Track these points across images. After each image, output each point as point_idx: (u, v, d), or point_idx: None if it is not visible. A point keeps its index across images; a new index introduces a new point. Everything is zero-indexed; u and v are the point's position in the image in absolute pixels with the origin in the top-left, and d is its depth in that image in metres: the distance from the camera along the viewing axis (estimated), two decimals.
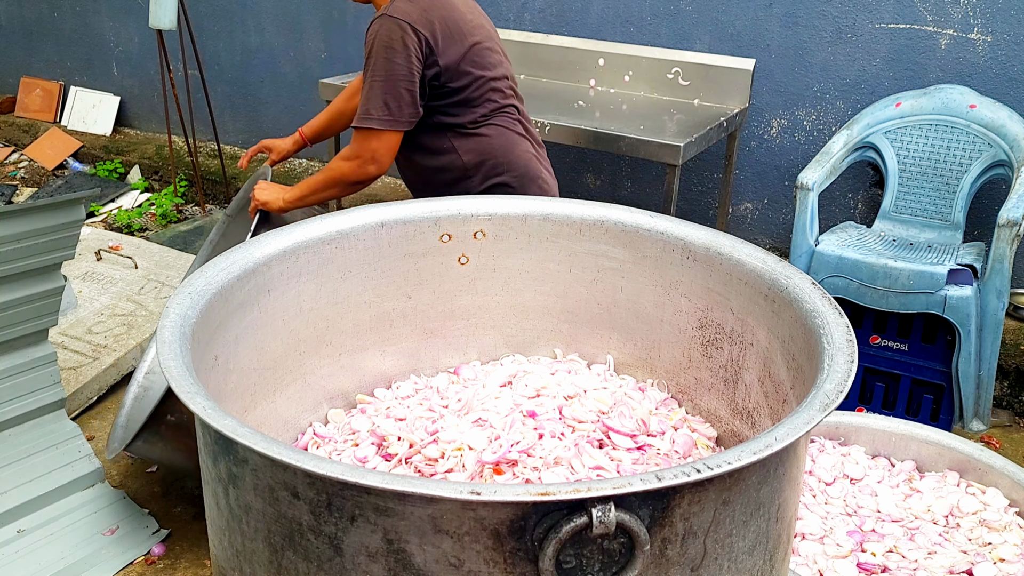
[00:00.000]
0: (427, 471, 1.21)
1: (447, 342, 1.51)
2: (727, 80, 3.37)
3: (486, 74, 2.23)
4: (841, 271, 2.70)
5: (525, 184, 2.30)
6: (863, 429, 1.95)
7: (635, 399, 1.39)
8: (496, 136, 2.27)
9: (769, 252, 1.27)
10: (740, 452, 0.83)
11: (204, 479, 1.02)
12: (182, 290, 1.11)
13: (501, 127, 2.28)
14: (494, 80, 2.25)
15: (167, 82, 3.97)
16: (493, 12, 3.94)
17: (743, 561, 0.94)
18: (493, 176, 2.27)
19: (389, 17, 2.09)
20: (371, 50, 2.11)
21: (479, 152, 2.26)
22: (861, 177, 3.34)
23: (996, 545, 1.67)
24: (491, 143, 2.27)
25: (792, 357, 1.16)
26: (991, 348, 2.63)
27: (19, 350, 2.19)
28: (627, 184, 3.88)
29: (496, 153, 2.27)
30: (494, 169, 2.27)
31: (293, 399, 1.35)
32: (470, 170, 2.27)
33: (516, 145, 2.30)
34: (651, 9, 3.59)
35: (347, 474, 0.79)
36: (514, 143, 2.30)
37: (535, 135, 2.40)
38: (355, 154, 2.17)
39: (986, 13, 3.01)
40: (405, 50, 2.08)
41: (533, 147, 2.36)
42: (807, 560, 1.64)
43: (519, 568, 0.83)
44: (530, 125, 2.40)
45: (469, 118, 2.24)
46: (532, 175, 2.31)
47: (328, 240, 1.34)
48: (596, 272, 1.45)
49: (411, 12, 2.10)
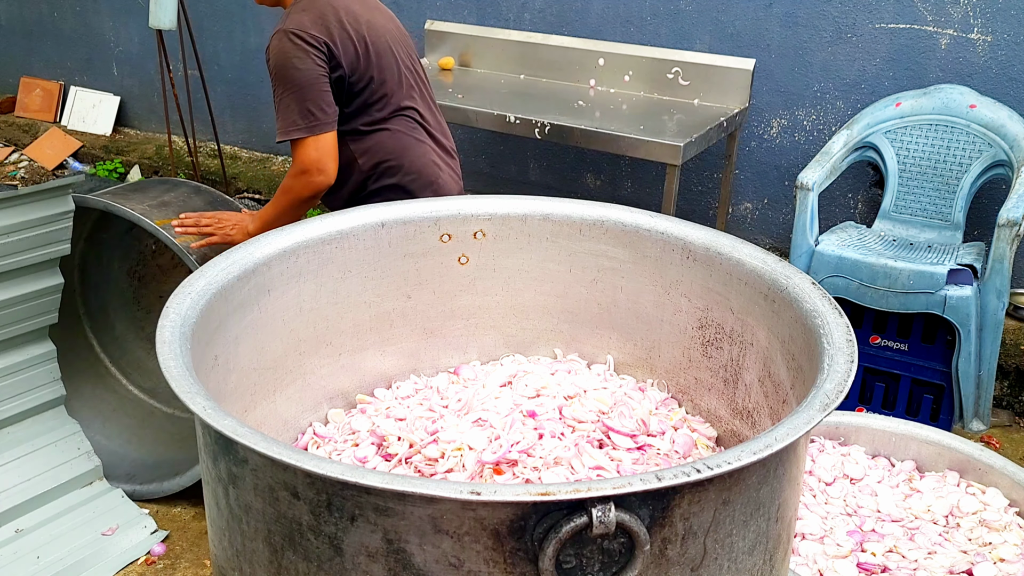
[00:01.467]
0: (427, 471, 1.21)
1: (447, 342, 1.50)
2: (727, 80, 3.36)
3: (385, 76, 2.24)
4: (841, 271, 2.69)
5: (419, 188, 2.30)
6: (863, 429, 1.95)
7: (635, 399, 1.39)
8: (390, 139, 2.27)
9: (769, 252, 1.27)
10: (740, 452, 0.83)
11: (204, 479, 1.02)
12: (182, 290, 1.11)
13: (398, 130, 2.28)
14: (393, 83, 2.26)
15: (167, 82, 3.97)
16: (493, 12, 3.94)
17: (743, 561, 0.94)
18: (387, 177, 2.28)
19: (284, 32, 2.10)
20: (275, 67, 2.12)
21: (373, 154, 2.25)
22: (861, 177, 3.34)
23: (996, 545, 1.67)
24: (385, 145, 2.26)
25: (792, 357, 1.16)
26: (991, 348, 2.63)
27: (20, 348, 2.19)
28: (627, 184, 3.88)
29: (390, 155, 2.27)
30: (388, 171, 2.27)
31: (293, 399, 1.35)
32: (366, 171, 2.27)
33: (412, 148, 2.30)
34: (651, 9, 3.59)
35: (347, 474, 0.79)
36: (410, 146, 2.30)
37: (442, 140, 2.40)
38: (299, 170, 2.14)
39: (986, 13, 3.01)
40: (307, 57, 2.09)
41: (435, 151, 2.36)
42: (807, 560, 1.64)
43: (519, 568, 0.83)
44: (436, 129, 2.38)
45: (366, 120, 2.24)
46: (428, 179, 2.31)
47: (328, 240, 1.34)
48: (596, 272, 1.45)
49: (305, 21, 2.11)
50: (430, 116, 2.38)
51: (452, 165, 2.43)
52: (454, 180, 2.42)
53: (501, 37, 3.83)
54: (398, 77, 2.27)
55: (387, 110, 2.26)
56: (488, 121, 3.10)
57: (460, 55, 3.93)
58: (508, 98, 3.41)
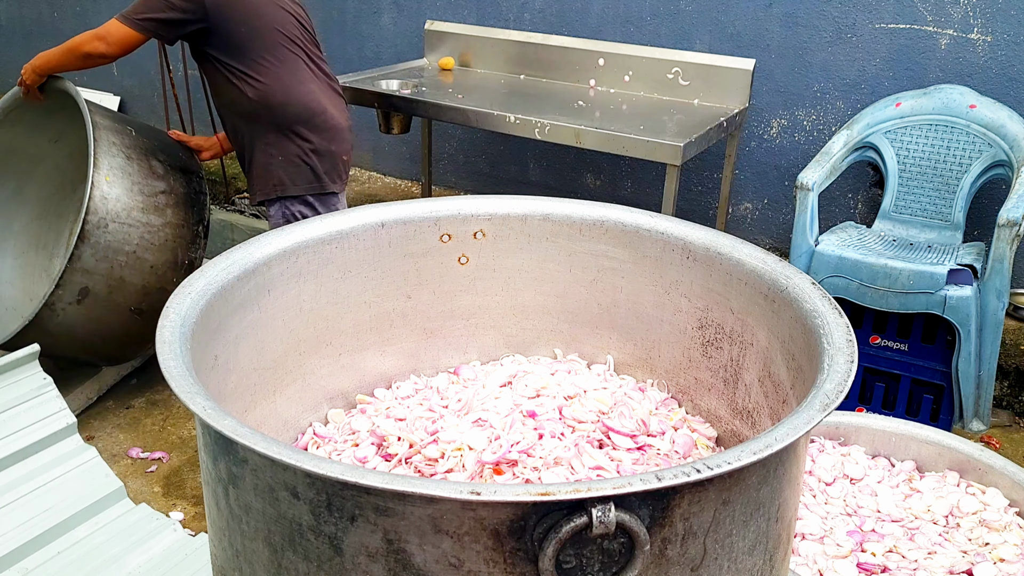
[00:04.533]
0: (427, 471, 1.21)
1: (447, 342, 1.50)
2: (727, 80, 3.37)
3: (264, 23, 2.66)
4: (841, 271, 2.69)
5: (311, 120, 2.73)
6: (863, 429, 1.95)
7: (635, 399, 1.39)
8: (278, 79, 2.69)
9: (769, 252, 1.27)
10: (740, 452, 0.83)
11: (204, 479, 1.02)
12: (182, 290, 1.11)
13: (285, 71, 2.70)
14: (277, 29, 2.68)
15: (167, 82, 3.97)
16: (493, 12, 3.94)
17: (743, 561, 0.94)
18: (280, 114, 2.70)
19: None
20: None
21: (264, 92, 2.67)
22: (861, 177, 3.35)
23: (996, 545, 1.67)
24: (274, 85, 2.68)
25: (792, 357, 1.16)
26: (991, 348, 2.63)
27: (17, 381, 2.16)
28: (627, 184, 3.88)
29: (279, 93, 2.69)
30: (281, 107, 2.69)
31: (293, 399, 1.35)
32: (258, 109, 2.69)
33: (300, 85, 2.72)
34: (651, 9, 3.59)
35: (347, 474, 0.79)
36: (294, 85, 2.71)
37: (325, 80, 2.83)
38: (97, 32, 2.62)
39: (986, 13, 3.01)
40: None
41: (320, 89, 2.78)
42: (807, 560, 1.64)
43: (519, 568, 0.83)
44: (318, 69, 2.81)
45: (250, 60, 2.66)
46: (316, 110, 2.75)
47: (328, 240, 1.34)
48: (596, 272, 1.45)
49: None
50: (317, 53, 2.85)
51: (337, 98, 2.91)
52: (341, 111, 2.88)
53: (501, 37, 3.83)
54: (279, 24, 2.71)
55: (276, 51, 2.69)
56: (488, 121, 3.10)
57: (460, 55, 3.93)
58: (508, 98, 3.41)
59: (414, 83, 3.51)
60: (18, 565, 1.94)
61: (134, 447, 2.74)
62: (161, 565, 1.99)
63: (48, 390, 2.19)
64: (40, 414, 2.15)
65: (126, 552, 2.01)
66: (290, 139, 2.74)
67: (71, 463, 2.15)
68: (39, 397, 2.16)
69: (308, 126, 2.74)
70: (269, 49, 2.68)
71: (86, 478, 2.14)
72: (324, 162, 2.79)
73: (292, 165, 2.76)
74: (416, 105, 3.28)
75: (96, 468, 2.17)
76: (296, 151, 2.75)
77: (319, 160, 2.78)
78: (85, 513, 2.08)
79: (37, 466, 2.11)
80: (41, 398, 2.17)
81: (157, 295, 2.71)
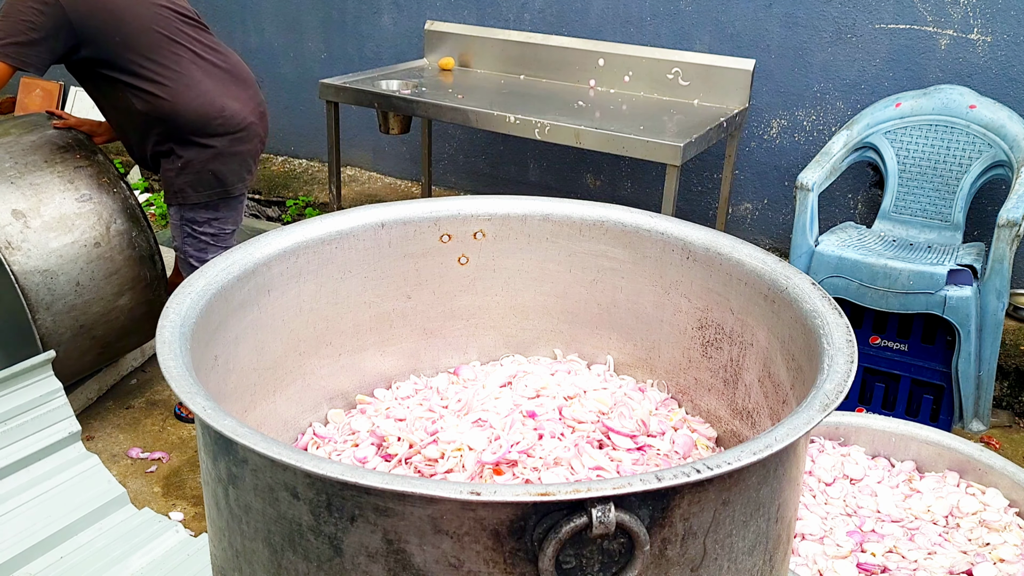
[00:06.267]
0: (427, 471, 1.21)
1: (447, 342, 1.50)
2: (727, 80, 3.37)
3: (138, 26, 2.47)
4: (841, 271, 2.70)
5: (207, 126, 2.57)
6: (863, 429, 1.95)
7: (635, 399, 1.39)
8: (164, 88, 2.51)
9: (769, 252, 1.27)
10: (740, 452, 0.83)
11: (204, 479, 1.02)
12: (182, 290, 1.11)
13: (170, 76, 2.52)
14: (154, 30, 2.50)
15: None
16: (493, 12, 3.94)
17: (743, 561, 0.94)
18: (173, 125, 2.54)
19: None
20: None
21: (152, 104, 2.51)
22: (861, 177, 3.35)
23: (996, 545, 1.67)
24: (162, 94, 2.51)
25: (792, 357, 1.16)
26: (991, 348, 2.63)
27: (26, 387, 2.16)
28: (627, 184, 3.89)
29: (167, 103, 2.51)
30: (172, 118, 2.52)
31: (293, 399, 1.35)
32: (150, 121, 2.54)
33: (189, 90, 2.53)
34: (651, 9, 3.60)
35: (347, 474, 0.79)
36: (182, 91, 2.53)
37: (219, 71, 2.64)
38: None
39: (986, 13, 3.01)
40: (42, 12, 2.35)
41: (215, 85, 2.60)
42: (807, 560, 1.64)
43: (519, 568, 0.83)
44: (208, 62, 2.61)
45: (132, 71, 2.49)
46: (212, 113, 2.56)
47: (328, 240, 1.34)
48: (596, 272, 1.45)
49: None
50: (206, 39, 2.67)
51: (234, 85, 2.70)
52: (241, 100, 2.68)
53: (501, 37, 3.83)
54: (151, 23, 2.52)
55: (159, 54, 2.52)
56: (488, 121, 3.10)
57: (460, 55, 3.93)
58: (508, 98, 3.41)
59: (414, 83, 3.51)
60: (22, 570, 1.94)
61: (134, 447, 2.75)
62: (163, 566, 1.99)
63: (56, 396, 2.18)
64: (46, 421, 2.14)
65: (128, 554, 2.01)
66: (188, 147, 2.56)
67: (74, 470, 2.15)
68: (47, 404, 2.17)
69: (205, 132, 2.56)
70: (149, 54, 2.48)
71: (88, 484, 2.14)
72: (228, 165, 2.62)
73: (193, 173, 2.59)
74: (416, 105, 3.28)
75: (98, 474, 2.17)
76: (196, 157, 2.57)
77: (222, 164, 2.60)
78: (88, 519, 2.08)
79: (40, 473, 2.10)
80: (49, 405, 2.17)
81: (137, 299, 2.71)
